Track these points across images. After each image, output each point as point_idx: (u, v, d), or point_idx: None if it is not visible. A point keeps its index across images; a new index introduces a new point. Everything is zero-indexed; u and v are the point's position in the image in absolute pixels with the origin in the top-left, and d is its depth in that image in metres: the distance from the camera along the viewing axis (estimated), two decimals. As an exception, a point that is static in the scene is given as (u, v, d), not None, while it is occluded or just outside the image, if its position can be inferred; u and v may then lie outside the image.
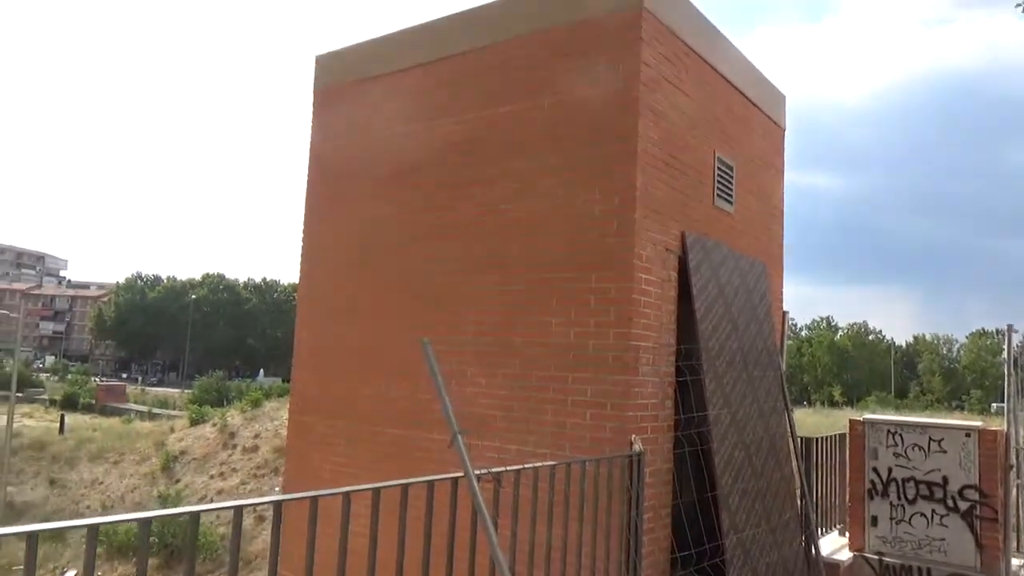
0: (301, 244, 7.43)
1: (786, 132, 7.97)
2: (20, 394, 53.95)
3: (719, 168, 6.30)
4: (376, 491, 3.09)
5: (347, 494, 2.97)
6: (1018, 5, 8.27)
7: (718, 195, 6.27)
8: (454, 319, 5.90)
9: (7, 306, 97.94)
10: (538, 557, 3.96)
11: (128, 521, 2.36)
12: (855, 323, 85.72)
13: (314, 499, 2.84)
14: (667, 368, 5.39)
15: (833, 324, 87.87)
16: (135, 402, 72.83)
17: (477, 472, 3.50)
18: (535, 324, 5.44)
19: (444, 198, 6.20)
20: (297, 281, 7.52)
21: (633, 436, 4.78)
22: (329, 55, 7.52)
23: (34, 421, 57.98)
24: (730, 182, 6.47)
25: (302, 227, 7.44)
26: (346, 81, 7.25)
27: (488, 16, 6.21)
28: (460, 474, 3.49)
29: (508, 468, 3.80)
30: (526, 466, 3.90)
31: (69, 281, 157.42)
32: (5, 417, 36.96)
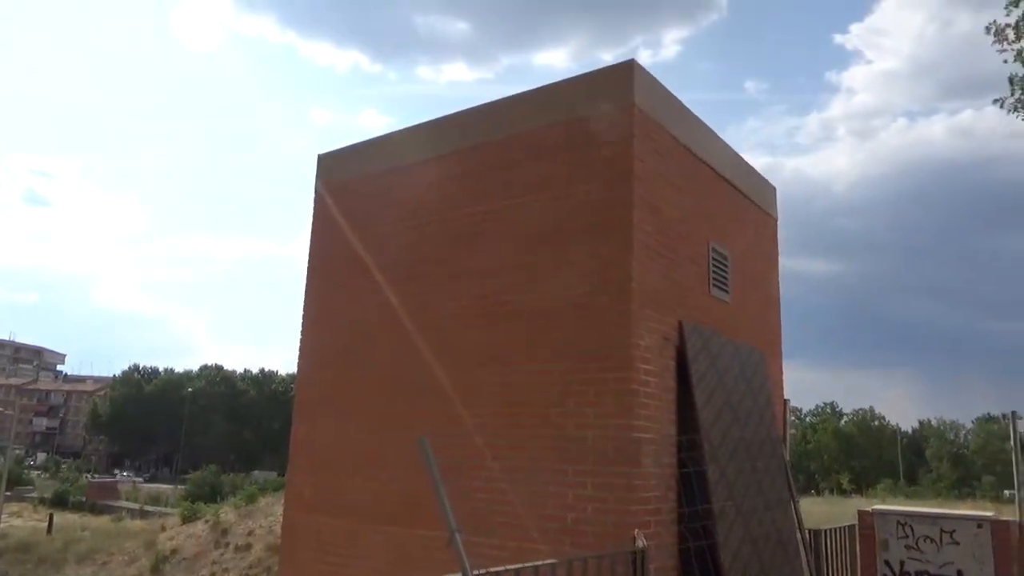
0: (300, 339, 7.44)
1: (779, 221, 8.13)
2: (9, 493, 52.68)
3: (714, 258, 6.39)
4: (372, 594, 3.00)
5: (342, 598, 2.88)
6: (995, 101, 8.61)
7: (714, 284, 6.33)
8: (453, 412, 5.85)
9: (1, 402, 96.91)
10: (541, 663, 3.80)
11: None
12: (860, 409, 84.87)
13: (308, 604, 2.75)
14: (669, 460, 5.31)
15: (838, 410, 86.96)
16: (127, 499, 71.00)
17: (476, 573, 3.40)
18: (534, 416, 5.39)
19: (442, 291, 6.25)
20: (295, 372, 7.49)
21: (637, 531, 4.67)
22: (331, 154, 7.74)
23: (22, 521, 56.37)
24: (725, 271, 6.55)
25: (301, 322, 7.48)
26: (347, 178, 7.44)
27: (487, 115, 6.44)
28: (459, 575, 3.39)
29: (507, 568, 3.69)
30: (525, 565, 3.79)
31: (65, 375, 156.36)
32: (-8, 517, 36.00)
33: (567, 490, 5.10)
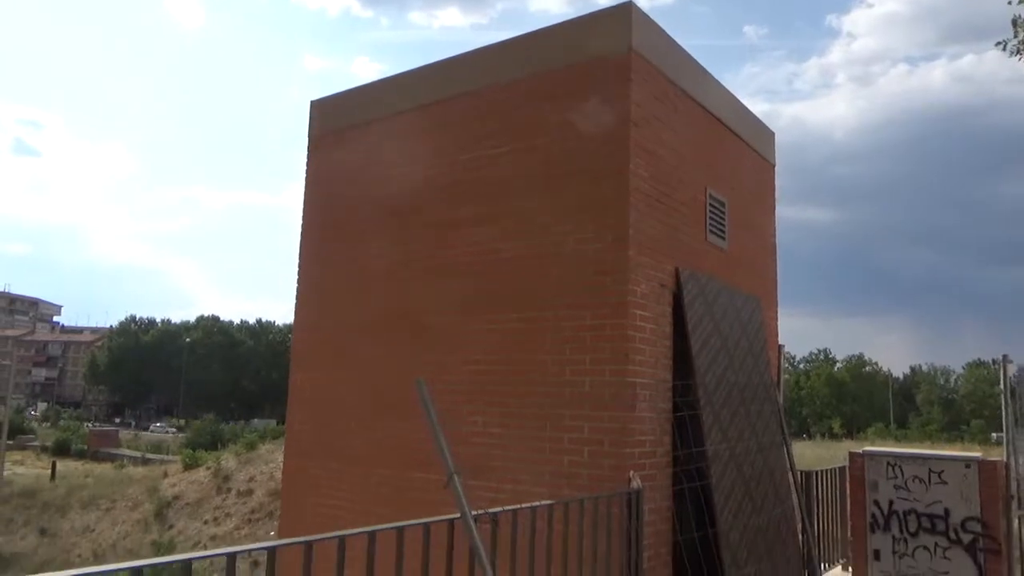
0: (296, 287, 7.44)
1: (776, 168, 8.08)
2: (11, 441, 53.30)
3: (711, 204, 6.36)
4: (372, 535, 3.06)
5: (342, 538, 2.93)
6: (998, 43, 8.46)
7: (711, 231, 6.32)
8: (449, 359, 5.89)
9: (0, 353, 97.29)
10: (538, 599, 3.90)
11: (119, 571, 2.32)
12: (852, 355, 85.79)
13: (308, 544, 2.81)
14: (664, 404, 5.38)
15: (831, 356, 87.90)
16: (128, 447, 71.99)
17: (474, 513, 3.47)
18: (530, 362, 5.44)
19: (438, 239, 6.23)
20: (292, 322, 7.51)
21: (632, 473, 4.75)
22: (324, 100, 7.62)
23: (25, 468, 57.22)
24: (723, 218, 6.53)
25: (297, 270, 7.46)
26: (341, 125, 7.33)
27: (482, 60, 6.32)
28: (457, 515, 3.45)
29: (505, 508, 3.76)
30: (523, 506, 3.86)
31: (62, 326, 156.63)
32: (-4, 465, 36.52)
33: (563, 434, 5.17)
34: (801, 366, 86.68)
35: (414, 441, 5.87)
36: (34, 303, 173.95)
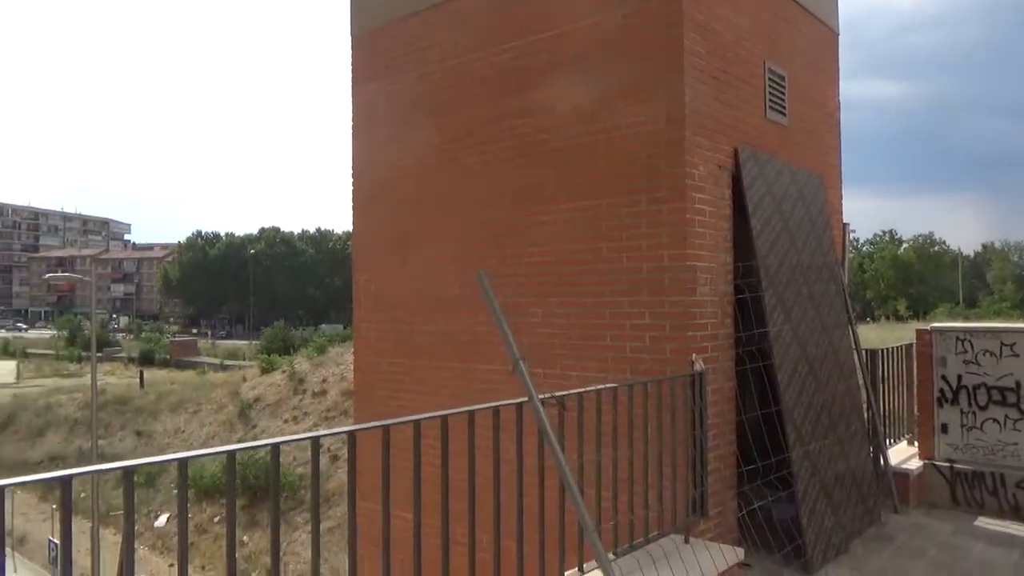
0: (352, 189, 7.51)
1: (840, 37, 7.61)
2: (100, 354, 56.62)
3: (770, 79, 6.08)
4: (444, 419, 3.19)
5: (417, 422, 3.07)
6: None
7: (770, 107, 6.07)
8: (506, 252, 5.93)
9: (80, 272, 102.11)
10: (606, 477, 4.05)
11: (216, 454, 2.50)
12: (920, 235, 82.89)
13: (386, 428, 2.95)
14: (725, 287, 5.34)
15: (897, 237, 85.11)
16: (207, 355, 75.85)
17: (541, 397, 3.57)
18: (587, 251, 5.43)
19: (487, 131, 6.16)
20: (351, 228, 7.63)
21: (694, 356, 4.79)
22: (364, -5, 7.42)
23: (115, 378, 61.01)
24: (782, 93, 6.24)
25: (351, 172, 7.51)
26: (384, 21, 7.17)
27: (521, -62, 6.02)
28: (524, 399, 3.56)
29: (570, 392, 3.86)
30: (588, 389, 3.95)
31: (134, 244, 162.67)
32: (90, 375, 38.90)
33: (624, 321, 5.21)
34: (865, 248, 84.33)
35: (477, 334, 6.02)
36: (105, 223, 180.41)
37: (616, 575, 3.60)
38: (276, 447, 2.56)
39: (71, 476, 2.05)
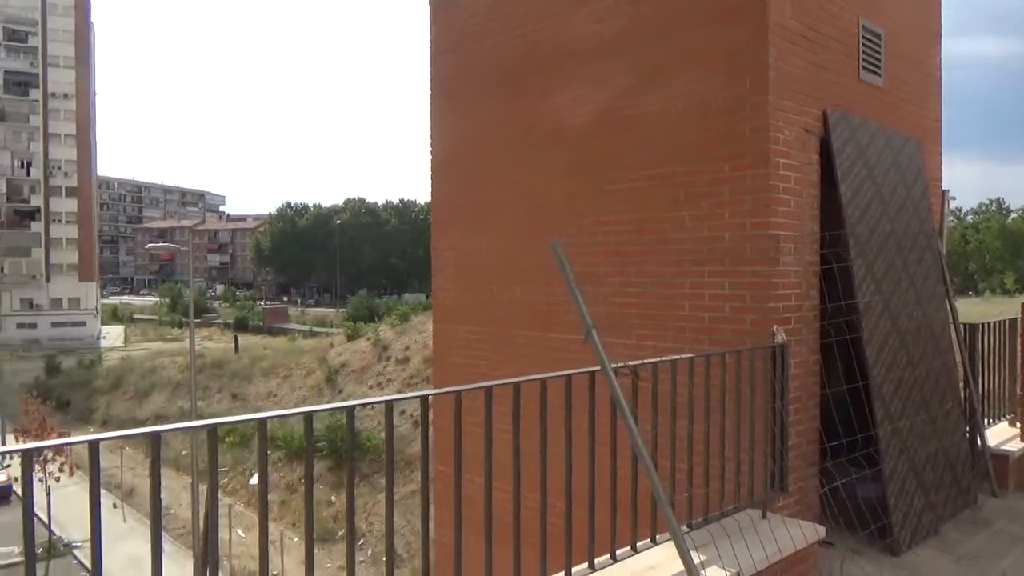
0: (430, 159, 7.57)
1: (944, -11, 7.11)
2: (198, 320, 59.56)
3: (865, 37, 5.74)
4: (516, 385, 3.21)
5: (489, 388, 3.10)
6: None
7: (864, 67, 5.74)
8: (582, 221, 5.86)
9: (179, 242, 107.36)
10: (680, 449, 4.00)
11: (295, 415, 2.59)
12: (1031, 203, 77.51)
13: (458, 393, 2.99)
14: (811, 257, 5.14)
15: (1005, 206, 79.88)
16: (296, 322, 78.83)
17: (614, 366, 3.54)
18: (665, 220, 5.31)
19: (562, 99, 6.07)
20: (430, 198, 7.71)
21: (775, 327, 4.64)
22: (442, -38, 7.40)
23: (212, 343, 64.18)
24: (878, 52, 5.89)
25: (429, 142, 7.56)
26: (460, -12, 7.13)
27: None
28: (597, 368, 3.54)
29: (645, 361, 3.81)
30: (663, 359, 3.89)
31: (228, 215, 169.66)
32: (188, 341, 41.07)
33: (703, 291, 5.09)
34: (968, 218, 79.59)
35: (552, 304, 6.00)
36: (201, 195, 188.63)
37: (689, 547, 3.56)
38: (351, 409, 2.63)
39: (160, 432, 2.16)
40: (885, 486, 4.91)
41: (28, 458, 1.87)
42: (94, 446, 2.00)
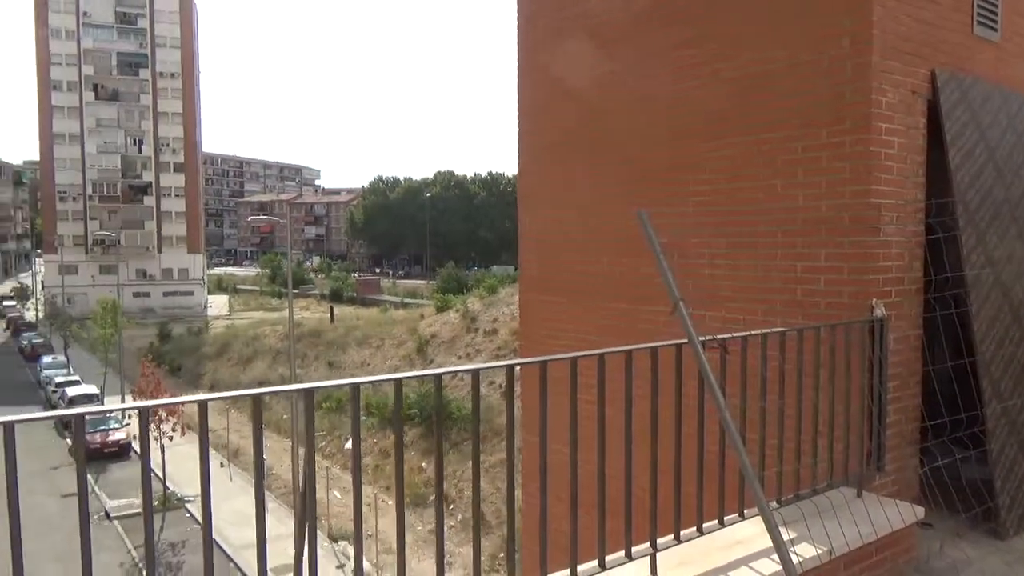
0: (517, 130, 7.57)
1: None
2: (296, 290, 62.10)
3: (980, -11, 5.35)
4: (601, 357, 3.21)
5: (574, 360, 3.12)
6: None
7: (979, 22, 5.35)
8: (671, 190, 5.75)
9: (277, 215, 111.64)
10: (771, 425, 3.92)
11: (384, 381, 2.68)
12: None
13: (543, 364, 3.02)
14: (915, 227, 4.88)
15: None
16: (388, 294, 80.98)
17: (702, 339, 3.48)
18: (758, 189, 5.15)
19: (650, 65, 5.94)
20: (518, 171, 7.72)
21: (874, 300, 4.45)
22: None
23: (309, 313, 66.74)
24: (994, 4, 5.48)
25: (516, 114, 7.56)
26: (547, -45, 7.05)
27: None
28: (684, 341, 3.49)
29: (734, 335, 3.73)
30: (753, 332, 3.81)
31: (323, 189, 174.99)
32: (288, 311, 42.87)
33: (796, 263, 4.92)
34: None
35: (639, 275, 5.94)
36: (298, 169, 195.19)
37: (778, 522, 3.50)
38: (439, 377, 2.70)
39: (260, 394, 2.29)
40: (992, 468, 4.67)
41: (145, 415, 2.02)
42: (203, 406, 2.14)
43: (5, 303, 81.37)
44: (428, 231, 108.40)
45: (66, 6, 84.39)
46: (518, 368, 3.11)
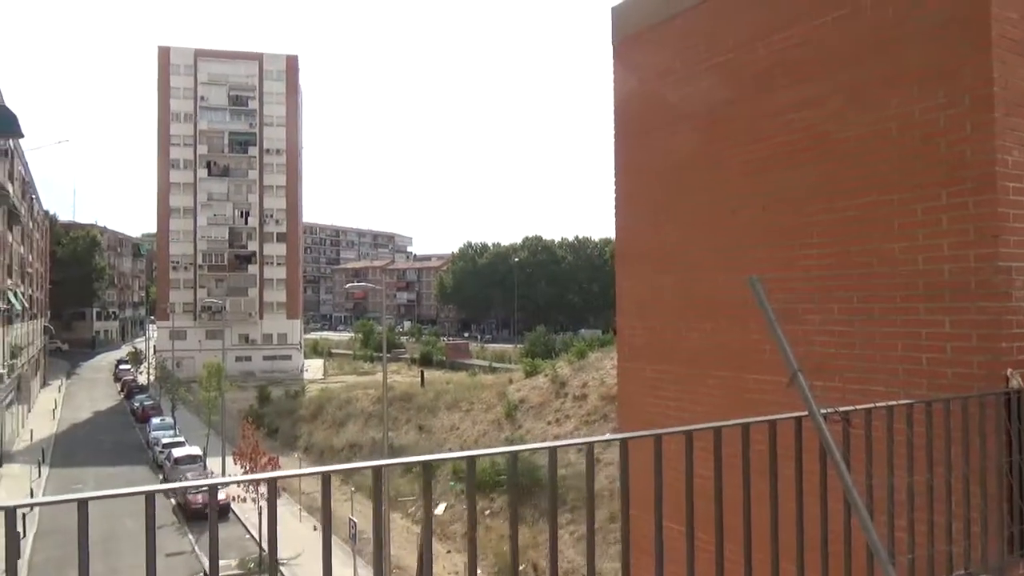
0: (614, 196, 7.59)
1: None
2: (388, 355, 63.35)
3: (1109, 40, 5.07)
4: (717, 430, 3.09)
5: (689, 432, 3.01)
6: None
7: (1109, 74, 5.05)
8: (779, 255, 5.59)
9: (371, 281, 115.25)
10: (899, 504, 3.66)
11: (499, 453, 2.65)
12: None
13: (658, 437, 2.92)
14: (1051, 291, 4.54)
15: None
16: (477, 357, 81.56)
17: (823, 411, 3.31)
18: (874, 253, 4.93)
19: (754, 130, 5.86)
20: (613, 236, 7.71)
21: (1009, 371, 4.14)
22: (625, 4, 7.48)
23: (400, 377, 67.82)
24: None
25: (613, 180, 7.59)
26: (644, 27, 7.16)
27: (790, -78, 5.67)
28: (803, 413, 3.33)
29: (857, 407, 3.54)
30: (878, 404, 3.59)
31: (415, 255, 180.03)
32: (380, 374, 43.67)
33: (919, 329, 4.65)
34: None
35: (747, 342, 5.75)
36: (391, 237, 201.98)
37: (916, 615, 3.21)
38: (554, 451, 2.64)
39: (381, 466, 2.30)
40: None
41: (273, 486, 2.05)
42: (326, 478, 2.16)
43: (121, 367, 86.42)
44: (516, 295, 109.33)
45: (185, 93, 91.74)
46: (598, 441, 2.99)
